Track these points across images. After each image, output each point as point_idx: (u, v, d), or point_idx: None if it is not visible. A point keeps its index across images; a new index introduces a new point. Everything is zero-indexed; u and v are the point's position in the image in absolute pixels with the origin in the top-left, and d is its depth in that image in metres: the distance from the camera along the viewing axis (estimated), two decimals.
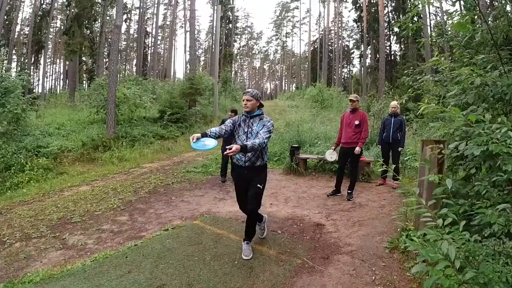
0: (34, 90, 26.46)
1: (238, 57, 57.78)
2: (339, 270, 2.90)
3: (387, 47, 28.59)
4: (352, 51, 45.06)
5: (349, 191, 5.39)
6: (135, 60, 44.23)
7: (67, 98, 21.27)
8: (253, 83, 71.28)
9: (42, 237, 4.10)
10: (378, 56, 27.08)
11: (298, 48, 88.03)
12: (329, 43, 45.22)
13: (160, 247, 3.50)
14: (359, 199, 5.33)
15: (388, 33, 28.95)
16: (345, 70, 47.32)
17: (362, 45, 34.30)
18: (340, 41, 41.92)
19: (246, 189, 3.23)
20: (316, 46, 48.43)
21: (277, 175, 7.35)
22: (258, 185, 3.19)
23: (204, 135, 3.03)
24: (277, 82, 70.36)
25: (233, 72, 43.73)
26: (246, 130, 3.19)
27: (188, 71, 25.50)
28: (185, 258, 3.22)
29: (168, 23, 49.76)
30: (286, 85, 66.18)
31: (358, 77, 39.68)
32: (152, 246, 3.55)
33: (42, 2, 33.91)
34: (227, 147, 2.78)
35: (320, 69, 43.64)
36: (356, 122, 5.22)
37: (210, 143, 2.96)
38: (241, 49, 61.41)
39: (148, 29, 44.12)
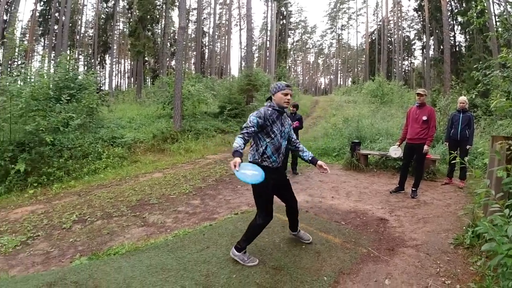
0: (101, 88, 29.03)
1: (291, 52, 57.48)
2: (404, 261, 2.98)
3: (451, 38, 26.45)
4: (413, 42, 42.28)
5: (413, 189, 5.27)
6: (193, 59, 46.33)
7: (134, 95, 23.07)
8: (306, 78, 70.29)
9: (123, 216, 4.63)
10: (442, 47, 25.25)
11: (355, 40, 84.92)
12: (388, 34, 42.94)
13: (233, 228, 3.84)
14: (424, 197, 5.21)
15: (452, 22, 26.74)
16: (405, 62, 44.53)
17: (424, 36, 32.17)
18: (399, 32, 39.60)
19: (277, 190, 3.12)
20: (374, 38, 46.34)
21: (336, 170, 7.38)
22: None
23: (240, 155, 2.58)
24: (332, 76, 68.52)
25: (287, 68, 43.71)
26: (281, 128, 2.96)
27: (243, 68, 26.14)
28: (256, 239, 3.46)
29: (223, 21, 51.17)
30: (341, 79, 64.26)
31: (420, 70, 37.26)
32: (226, 226, 3.90)
33: (104, 6, 36.96)
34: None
35: (378, 62, 41.72)
36: (424, 118, 5.07)
37: (257, 172, 2.60)
38: (294, 44, 60.93)
39: (205, 29, 45.82)
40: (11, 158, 6.86)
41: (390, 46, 42.79)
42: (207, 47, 47.87)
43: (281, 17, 42.76)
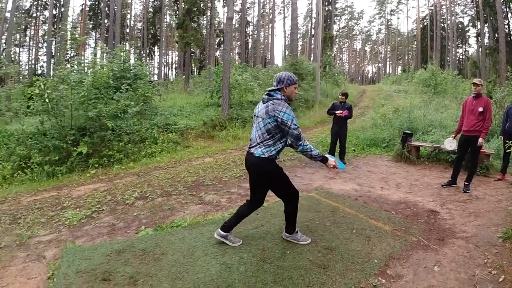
0: (151, 78, 30.52)
1: (337, 39, 55.81)
2: (454, 251, 3.01)
3: (505, 26, 24.07)
4: (467, 28, 39.20)
5: (466, 183, 5.08)
6: (237, 49, 46.89)
7: (182, 85, 23.96)
8: (353, 66, 67.95)
9: (181, 195, 4.94)
10: (496, 35, 23.15)
11: (405, 26, 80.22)
12: (441, 20, 40.06)
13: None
14: (476, 192, 5.04)
15: (506, 10, 24.32)
16: (459, 50, 41.49)
17: (478, 23, 29.65)
18: (452, 18, 36.82)
19: None
20: (425, 24, 43.46)
21: (385, 161, 7.26)
22: None
23: (326, 157, 2.89)
24: (380, 64, 65.64)
25: (332, 56, 42.62)
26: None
27: (287, 57, 25.95)
28: (307, 221, 3.63)
29: (267, 10, 51.00)
30: (390, 68, 61.30)
31: (475, 59, 34.47)
32: (277, 208, 4.02)
33: (153, 0, 38.40)
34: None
35: (431, 50, 39.22)
36: (480, 109, 4.82)
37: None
38: (340, 31, 59.03)
39: (248, 18, 46.00)
40: (72, 141, 7.55)
41: (443, 33, 39.94)
42: (250, 37, 48.17)
43: (326, 3, 41.59)
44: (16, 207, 5.18)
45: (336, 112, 6.83)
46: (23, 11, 36.43)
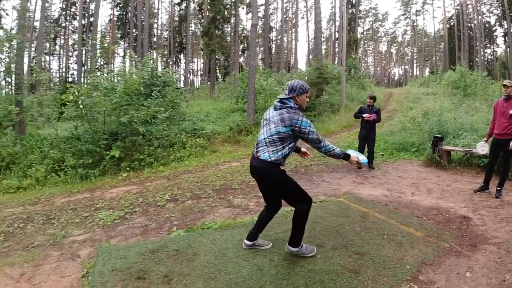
0: (177, 85, 31.14)
1: (361, 42, 54.92)
2: (485, 257, 2.96)
3: None
4: (494, 28, 37.45)
5: (498, 188, 4.88)
6: (260, 54, 47.20)
7: (208, 91, 24.39)
8: (378, 69, 66.51)
9: (210, 198, 5.03)
10: None
11: (431, 27, 77.68)
12: (467, 20, 38.57)
13: (313, 215, 3.92)
14: (508, 197, 4.87)
15: None
16: (487, 50, 39.66)
17: (504, 22, 28.28)
18: (479, 17, 35.31)
19: None
20: (452, 24, 42.02)
21: (415, 166, 7.07)
22: None
23: (349, 154, 2.87)
24: (406, 66, 63.81)
25: (357, 59, 41.93)
26: None
27: (311, 61, 25.84)
28: (337, 226, 3.60)
29: (290, 15, 51.08)
30: (418, 69, 59.47)
31: (504, 60, 32.84)
32: None
33: (177, 9, 39.47)
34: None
35: (459, 50, 37.80)
36: (511, 112, 4.63)
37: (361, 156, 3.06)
38: (365, 33, 58.03)
39: (271, 24, 46.26)
40: (105, 145, 7.89)
41: (471, 33, 38.40)
42: (274, 42, 48.37)
43: (350, 6, 41.12)
44: (49, 208, 5.44)
45: (364, 115, 6.72)
46: (52, 21, 38.39)
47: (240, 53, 31.56)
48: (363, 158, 3.01)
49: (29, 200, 6.30)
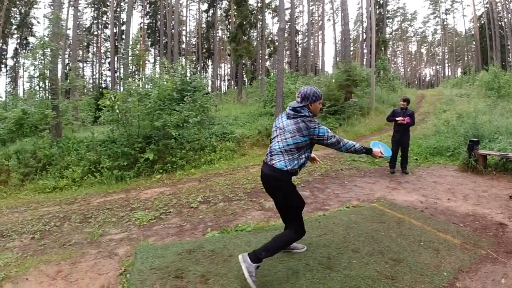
0: (206, 90, 31.63)
1: (390, 42, 53.45)
2: None
3: None
4: None
5: None
6: (286, 58, 47.18)
7: (235, 95, 24.67)
8: (408, 69, 64.43)
9: (242, 200, 5.09)
10: None
11: (462, 25, 74.37)
12: (498, 18, 36.59)
13: (347, 220, 3.90)
14: None
15: None
16: None
17: None
18: (509, 15, 33.40)
19: None
20: (483, 22, 40.06)
21: (451, 171, 6.81)
22: None
23: (370, 148, 2.84)
24: (438, 67, 61.31)
25: (387, 60, 40.79)
26: None
27: (338, 64, 25.52)
28: (372, 232, 3.54)
29: (316, 18, 50.74)
30: (449, 70, 57.03)
31: None
32: (340, 217, 3.98)
33: (205, 16, 40.29)
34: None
35: (491, 50, 35.97)
36: None
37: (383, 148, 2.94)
38: (393, 33, 56.44)
39: (297, 27, 46.13)
40: (140, 148, 8.21)
41: (501, 32, 36.39)
42: (300, 45, 48.20)
43: (377, 6, 40.20)
44: (86, 207, 5.70)
45: (397, 118, 6.55)
46: (84, 29, 40.25)
47: (266, 57, 31.66)
48: (387, 151, 2.93)
49: (65, 199, 6.65)
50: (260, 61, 29.11)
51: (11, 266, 3.45)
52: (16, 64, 38.02)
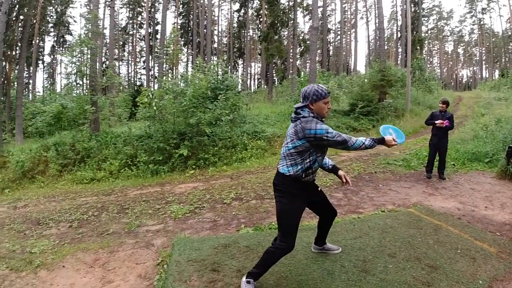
0: (237, 89, 31.92)
1: (426, 41, 51.24)
2: None
3: None
4: None
5: None
6: (317, 57, 46.53)
7: (265, 94, 24.72)
8: (445, 70, 61.63)
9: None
10: None
11: (499, 25, 69.81)
12: None
13: (383, 224, 3.85)
14: None
15: None
16: None
17: None
18: None
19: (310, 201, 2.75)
20: None
21: (489, 178, 6.51)
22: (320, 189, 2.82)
23: (382, 138, 2.58)
24: (475, 68, 58.19)
25: (424, 59, 39.12)
26: None
27: (371, 63, 24.91)
28: (409, 237, 3.49)
29: (348, 16, 49.72)
30: (487, 71, 53.87)
31: None
32: (375, 221, 3.94)
33: (236, 16, 40.62)
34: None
35: None
36: None
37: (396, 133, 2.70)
38: (429, 32, 54.15)
39: (329, 26, 45.42)
40: (174, 144, 8.48)
41: None
42: (331, 44, 47.47)
43: (413, 4, 38.67)
44: (123, 199, 5.97)
45: (436, 122, 6.33)
46: (120, 29, 41.71)
47: (298, 56, 31.44)
48: (400, 136, 2.69)
49: (103, 190, 6.99)
50: (291, 60, 28.92)
51: (47, 253, 3.64)
52: (53, 61, 40.26)
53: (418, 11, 38.67)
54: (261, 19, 33.12)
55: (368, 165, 7.46)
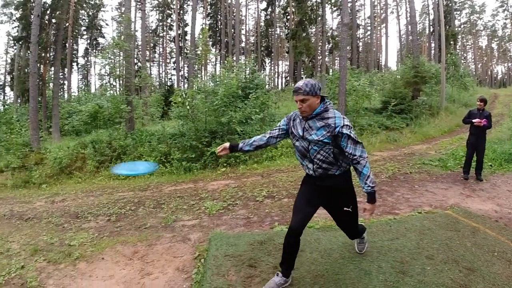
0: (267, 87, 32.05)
1: (459, 36, 48.70)
2: None
3: None
4: None
5: None
6: (347, 54, 45.52)
7: None
8: (479, 66, 58.47)
9: None
10: None
11: None
12: None
13: (420, 225, 3.80)
14: None
15: None
16: None
17: None
18: None
19: (324, 206, 2.67)
20: None
21: None
22: (346, 209, 2.54)
23: (235, 147, 2.68)
24: (509, 64, 54.69)
25: (458, 55, 37.28)
26: (301, 133, 2.45)
27: (403, 58, 24.13)
28: (446, 239, 3.43)
29: (378, 11, 48.31)
30: None
31: None
32: (412, 223, 3.89)
33: (263, 15, 40.56)
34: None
35: None
36: None
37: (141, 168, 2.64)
38: (462, 26, 51.50)
39: (358, 21, 44.36)
40: (206, 142, 8.69)
41: None
42: (361, 40, 46.37)
43: None
44: (158, 194, 6.19)
45: (474, 120, 6.09)
46: (150, 31, 42.84)
47: (326, 53, 30.99)
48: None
49: (139, 186, 7.28)
50: (319, 57, 28.57)
51: (86, 245, 3.81)
52: (87, 63, 42.13)
53: (450, 4, 36.95)
54: (288, 17, 32.97)
55: (402, 165, 7.29)
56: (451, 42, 30.07)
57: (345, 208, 2.53)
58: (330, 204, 2.63)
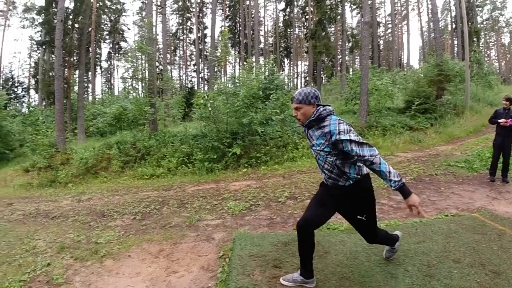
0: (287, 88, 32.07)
1: (482, 33, 46.72)
2: None
3: None
4: None
5: None
6: (368, 53, 44.71)
7: None
8: (503, 64, 56.09)
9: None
10: None
11: None
12: None
13: (446, 228, 3.73)
14: None
15: None
16: None
17: None
18: None
19: (338, 212, 2.64)
20: None
21: None
22: (359, 217, 2.49)
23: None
24: None
25: (482, 52, 35.85)
26: (310, 144, 2.50)
27: (426, 56, 23.50)
28: (473, 243, 3.36)
29: (398, 8, 47.23)
30: None
31: None
32: (438, 225, 3.82)
33: (281, 15, 40.48)
34: None
35: None
36: None
37: None
38: (484, 23, 49.51)
39: (378, 19, 43.53)
40: (228, 143, 8.82)
41: None
42: (381, 38, 45.48)
43: None
44: (182, 194, 6.33)
45: (499, 120, 5.89)
46: (171, 34, 43.53)
47: (347, 52, 30.58)
48: None
49: (163, 186, 7.46)
50: (339, 56, 28.26)
51: (113, 243, 3.92)
52: (110, 66, 43.30)
53: (471, 0, 35.63)
54: (307, 17, 32.73)
55: (427, 167, 7.13)
56: (474, 39, 29.05)
57: (358, 217, 2.50)
58: (343, 211, 2.62)
